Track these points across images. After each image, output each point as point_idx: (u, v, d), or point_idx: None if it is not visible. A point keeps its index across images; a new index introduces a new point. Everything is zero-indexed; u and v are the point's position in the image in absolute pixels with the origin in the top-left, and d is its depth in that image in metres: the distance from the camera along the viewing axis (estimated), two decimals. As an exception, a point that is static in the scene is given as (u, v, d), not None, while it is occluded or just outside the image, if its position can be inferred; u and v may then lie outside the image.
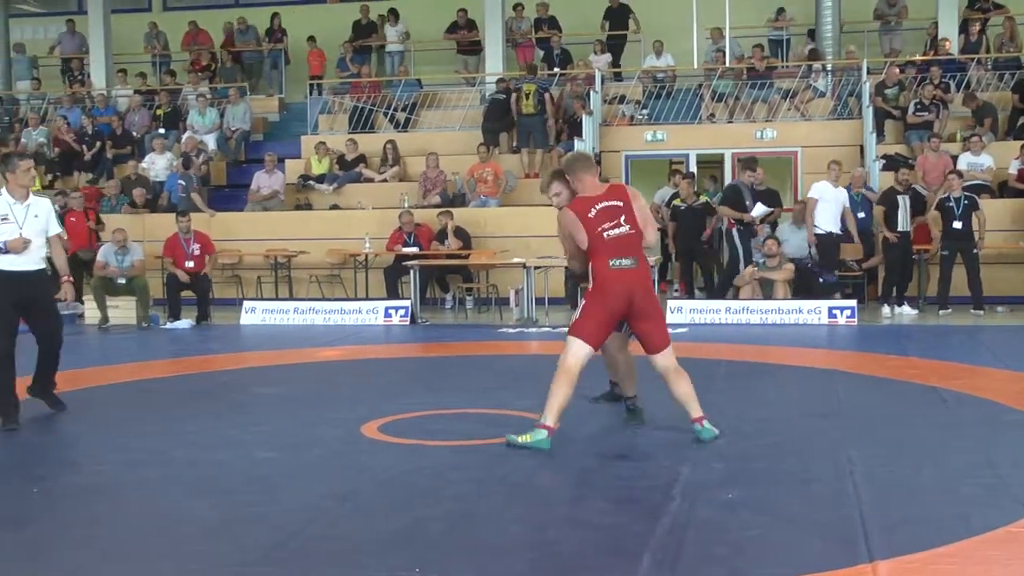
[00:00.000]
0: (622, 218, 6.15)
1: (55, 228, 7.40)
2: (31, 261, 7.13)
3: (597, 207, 6.17)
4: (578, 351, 6.09)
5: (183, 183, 15.89)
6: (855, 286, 13.63)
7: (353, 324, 12.95)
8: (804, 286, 12.86)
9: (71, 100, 19.45)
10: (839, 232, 12.88)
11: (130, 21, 21.64)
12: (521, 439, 5.98)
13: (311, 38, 20.14)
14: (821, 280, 12.73)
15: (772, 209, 13.62)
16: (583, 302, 6.29)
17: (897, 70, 16.29)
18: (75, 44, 21.44)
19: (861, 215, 13.47)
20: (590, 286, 6.22)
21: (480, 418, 7.10)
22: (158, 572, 4.33)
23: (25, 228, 7.08)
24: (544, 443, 5.91)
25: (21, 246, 7.03)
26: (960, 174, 13.32)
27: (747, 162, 13.87)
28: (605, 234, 6.13)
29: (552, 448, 5.99)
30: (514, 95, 16.54)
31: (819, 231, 12.72)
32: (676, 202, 14.52)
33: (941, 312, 12.66)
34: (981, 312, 12.58)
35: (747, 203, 13.27)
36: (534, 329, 12.13)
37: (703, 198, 14.58)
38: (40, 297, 7.25)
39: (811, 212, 12.79)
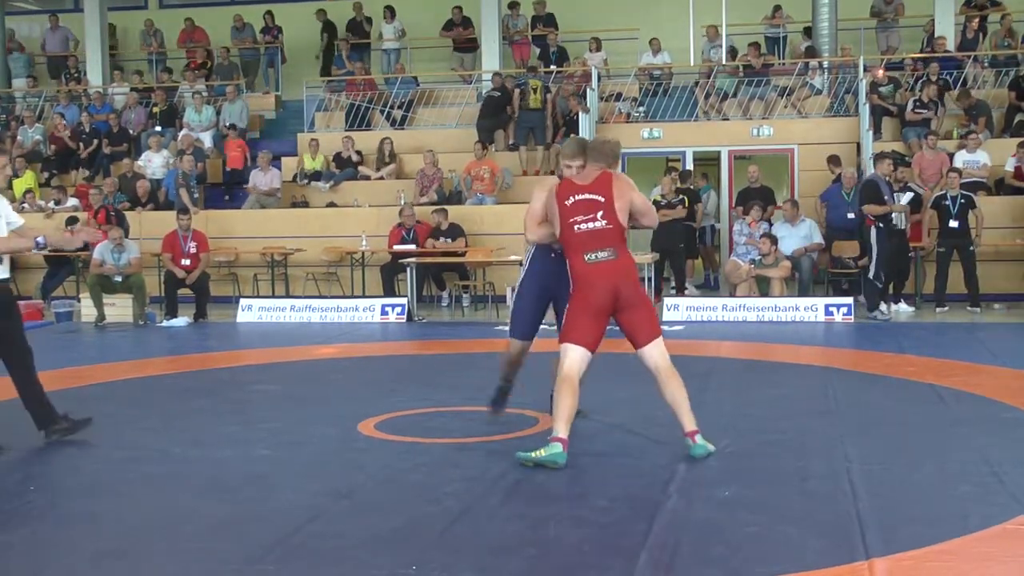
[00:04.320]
0: (599, 213, 5.95)
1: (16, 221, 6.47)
2: (4, 268, 6.37)
3: (576, 197, 6.00)
4: (573, 357, 5.87)
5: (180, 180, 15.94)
6: (852, 283, 13.65)
7: (349, 322, 12.95)
8: None
9: (68, 98, 19.44)
10: None
11: (127, 18, 21.65)
12: (535, 455, 5.69)
13: (232, 126, 18.05)
14: None
15: (913, 194, 12.90)
16: (568, 306, 6.00)
17: (881, 72, 16.27)
18: (58, 40, 21.45)
19: (851, 216, 13.51)
20: (572, 287, 5.99)
21: (477, 416, 7.10)
22: (157, 570, 4.33)
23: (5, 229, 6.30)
24: (560, 456, 5.64)
25: (83, 237, 6.46)
26: (959, 172, 13.32)
27: (881, 154, 12.93)
28: (576, 227, 5.94)
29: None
30: (517, 91, 16.53)
31: None
32: (656, 198, 14.38)
33: (938, 309, 12.68)
34: (978, 310, 12.60)
35: (886, 197, 12.22)
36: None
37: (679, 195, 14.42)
38: (14, 307, 6.53)
39: None
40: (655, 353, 5.93)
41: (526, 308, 6.58)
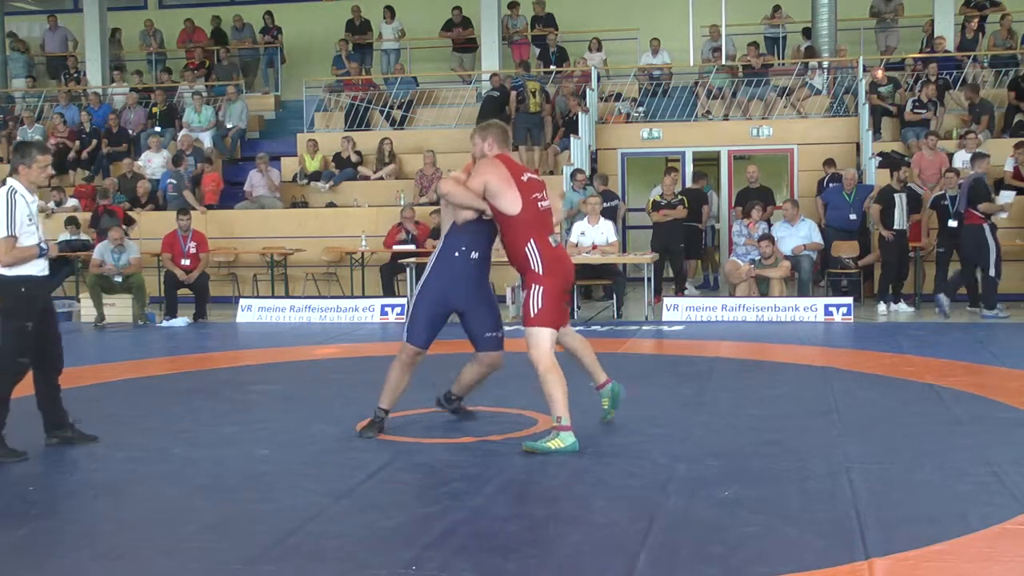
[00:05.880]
0: (544, 191, 6.19)
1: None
2: (48, 265, 6.51)
3: (528, 175, 6.13)
4: (551, 342, 6.02)
5: (174, 181, 15.95)
6: (851, 283, 13.65)
7: (349, 322, 12.95)
8: None
9: (67, 98, 19.44)
10: None
11: (126, 18, 21.66)
12: (551, 444, 5.86)
13: (208, 159, 17.59)
14: None
15: (1015, 192, 12.89)
16: (538, 288, 5.98)
17: (880, 72, 16.27)
18: (58, 40, 21.46)
19: (852, 217, 13.53)
20: (538, 270, 5.95)
21: (476, 415, 7.10)
22: (157, 570, 4.33)
23: (41, 229, 6.41)
24: (576, 444, 5.88)
25: (56, 250, 6.36)
26: (957, 172, 13.32)
27: (980, 153, 13.07)
28: (539, 204, 6.05)
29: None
30: (513, 93, 16.52)
31: None
32: (656, 198, 14.36)
33: (938, 310, 12.66)
34: (978, 310, 12.58)
35: (993, 196, 12.26)
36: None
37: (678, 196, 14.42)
38: (51, 303, 6.71)
39: None
40: (572, 331, 6.56)
41: (423, 313, 6.45)
